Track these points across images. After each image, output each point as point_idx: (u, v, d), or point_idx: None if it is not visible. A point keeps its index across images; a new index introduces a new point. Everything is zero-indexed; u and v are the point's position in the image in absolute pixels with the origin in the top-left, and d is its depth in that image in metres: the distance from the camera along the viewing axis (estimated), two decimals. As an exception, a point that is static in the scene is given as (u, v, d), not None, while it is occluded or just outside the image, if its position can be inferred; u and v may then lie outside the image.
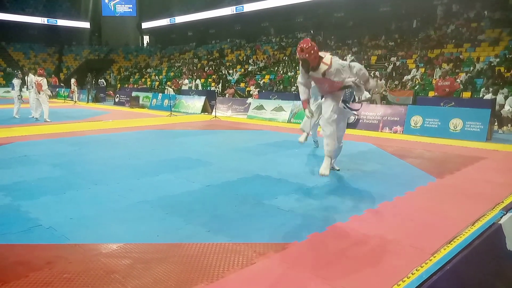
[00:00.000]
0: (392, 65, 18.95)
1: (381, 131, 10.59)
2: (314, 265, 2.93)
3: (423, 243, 3.30)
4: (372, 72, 18.68)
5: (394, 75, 18.01)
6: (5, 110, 15.50)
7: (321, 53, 4.43)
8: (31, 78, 12.83)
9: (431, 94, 14.77)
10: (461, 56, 17.33)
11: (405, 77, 17.20)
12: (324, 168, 4.84)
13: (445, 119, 9.65)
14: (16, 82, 13.93)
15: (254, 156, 7.01)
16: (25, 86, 13.61)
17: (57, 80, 30.60)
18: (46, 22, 38.26)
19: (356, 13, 26.20)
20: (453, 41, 19.18)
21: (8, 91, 25.56)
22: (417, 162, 6.63)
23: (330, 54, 4.47)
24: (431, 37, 20.65)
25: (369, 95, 13.14)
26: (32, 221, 3.76)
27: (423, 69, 17.37)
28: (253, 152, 7.40)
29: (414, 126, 10.13)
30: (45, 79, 12.63)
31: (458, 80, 14.96)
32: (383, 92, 15.02)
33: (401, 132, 10.27)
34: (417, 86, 15.98)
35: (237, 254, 3.09)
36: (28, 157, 6.78)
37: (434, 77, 16.20)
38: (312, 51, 4.33)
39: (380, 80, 15.40)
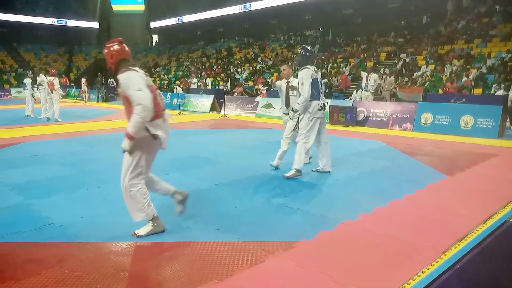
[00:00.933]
0: (401, 62, 18.79)
1: (391, 129, 10.51)
2: (323, 264, 2.93)
3: (433, 241, 3.27)
4: (382, 69, 18.57)
5: (403, 71, 17.86)
6: (17, 110, 15.72)
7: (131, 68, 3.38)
8: (42, 78, 12.99)
9: (441, 91, 14.63)
10: (472, 52, 17.11)
11: (415, 74, 17.05)
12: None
13: (456, 116, 9.54)
14: (27, 81, 14.13)
15: (262, 154, 7.01)
16: (36, 86, 13.78)
17: (67, 80, 30.92)
18: (56, 23, 38.67)
19: (364, 10, 26.00)
20: (464, 36, 18.95)
21: (20, 91, 25.90)
22: (427, 160, 6.57)
23: (139, 70, 3.45)
24: (441, 33, 20.42)
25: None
26: (44, 219, 3.81)
27: (433, 65, 17.19)
28: (261, 151, 7.40)
29: (424, 123, 10.04)
30: (57, 79, 12.79)
31: (470, 76, 14.79)
32: (393, 89, 14.90)
33: (411, 130, 10.19)
34: (427, 83, 15.83)
35: (246, 252, 3.09)
36: (39, 156, 6.86)
37: (444, 74, 16.04)
38: (111, 48, 3.45)
39: (390, 77, 15.27)
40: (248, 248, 3.18)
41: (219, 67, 29.04)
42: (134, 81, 3.24)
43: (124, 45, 3.52)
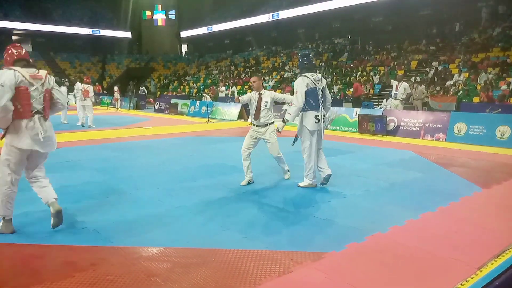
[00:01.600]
0: (433, 70, 18.38)
1: (423, 139, 10.26)
2: (352, 276, 2.88)
3: (468, 256, 3.16)
4: (413, 77, 18.22)
5: (435, 80, 17.45)
6: (53, 117, 16.28)
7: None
8: (78, 85, 13.50)
9: (476, 100, 14.19)
10: (508, 60, 16.54)
11: (448, 83, 16.63)
12: None
13: (492, 126, 9.21)
14: (63, 89, 14.70)
15: (290, 163, 6.97)
16: (73, 94, 14.33)
17: (100, 88, 31.91)
18: (90, 33, 40.18)
19: (395, 18, 25.66)
20: (500, 44, 18.35)
21: (56, 99, 26.65)
22: (461, 171, 6.37)
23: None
24: (475, 41, 19.87)
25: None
26: (78, 223, 3.94)
27: (467, 74, 16.73)
28: (289, 159, 7.35)
29: (457, 134, 9.74)
30: (91, 87, 13.31)
31: (511, 86, 14.29)
32: (425, 98, 14.57)
33: (443, 140, 9.91)
34: (461, 92, 15.39)
35: (274, 262, 3.08)
36: (74, 162, 7.09)
37: (479, 82, 15.56)
38: (6, 53, 3.63)
39: (421, 85, 14.95)
40: (276, 257, 3.16)
41: (247, 75, 29.29)
42: (1, 78, 3.38)
43: (18, 48, 3.68)
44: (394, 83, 12.37)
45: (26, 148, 3.56)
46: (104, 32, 40.95)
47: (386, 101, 14.91)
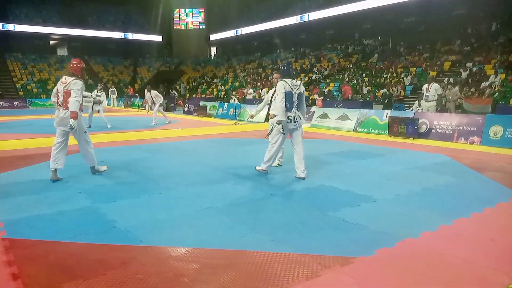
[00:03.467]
0: (467, 71, 17.77)
1: (456, 142, 9.94)
2: (383, 282, 2.81)
3: (505, 266, 3.03)
4: (446, 78, 17.70)
5: (470, 81, 16.87)
6: (86, 119, 16.76)
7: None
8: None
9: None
10: (548, 60, 15.78)
11: (483, 84, 16.03)
12: None
13: (530, 130, 8.81)
14: (103, 93, 15.17)
15: (318, 166, 6.93)
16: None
17: (132, 91, 32.73)
18: (123, 37, 41.33)
19: (428, 17, 25.01)
20: (539, 44, 17.54)
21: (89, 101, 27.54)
22: (497, 176, 6.12)
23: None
24: (513, 40, 19.08)
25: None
26: (109, 223, 4.03)
27: (503, 75, 16.07)
28: (317, 162, 7.31)
29: (493, 137, 9.38)
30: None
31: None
32: (458, 100, 14.11)
33: (478, 143, 9.56)
34: (497, 94, 14.81)
35: (302, 265, 3.06)
36: (106, 162, 7.26)
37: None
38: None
39: (454, 87, 14.49)
40: (303, 261, 3.14)
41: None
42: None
43: (75, 61, 5.93)
44: (424, 86, 12.07)
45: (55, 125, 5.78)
46: (136, 36, 42.03)
47: (419, 104, 14.55)
